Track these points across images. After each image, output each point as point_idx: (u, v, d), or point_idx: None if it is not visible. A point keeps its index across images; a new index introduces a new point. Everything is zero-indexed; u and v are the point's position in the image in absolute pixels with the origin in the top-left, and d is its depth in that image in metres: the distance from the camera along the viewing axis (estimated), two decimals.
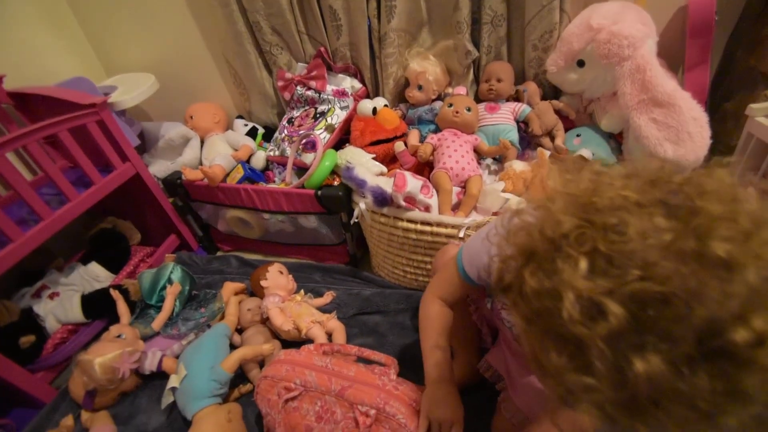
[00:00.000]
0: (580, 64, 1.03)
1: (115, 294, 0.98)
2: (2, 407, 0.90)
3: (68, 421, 0.84)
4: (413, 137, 1.15)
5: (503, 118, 1.13)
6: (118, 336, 0.86)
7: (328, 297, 1.06)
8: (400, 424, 0.59)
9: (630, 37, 0.92)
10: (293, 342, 0.95)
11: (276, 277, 1.03)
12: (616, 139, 1.09)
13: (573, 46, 1.01)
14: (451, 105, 1.09)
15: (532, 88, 1.14)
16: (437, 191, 0.98)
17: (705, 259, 0.26)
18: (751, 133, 1.02)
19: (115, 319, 0.96)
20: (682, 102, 0.91)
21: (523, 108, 1.12)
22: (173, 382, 0.79)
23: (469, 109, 1.08)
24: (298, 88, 1.25)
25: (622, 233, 0.28)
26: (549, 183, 0.35)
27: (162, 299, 0.97)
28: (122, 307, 0.96)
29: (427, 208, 0.95)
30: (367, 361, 0.73)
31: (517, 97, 1.16)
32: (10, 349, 0.86)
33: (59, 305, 0.98)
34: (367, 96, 1.27)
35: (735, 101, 1.11)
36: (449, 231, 0.90)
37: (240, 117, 1.42)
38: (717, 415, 0.27)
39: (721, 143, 1.16)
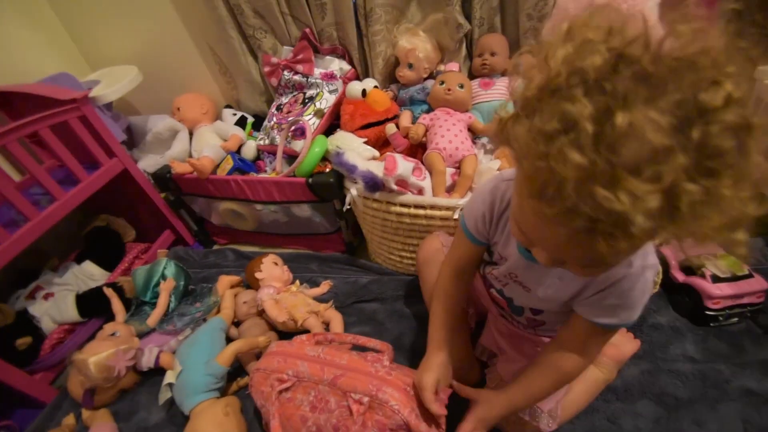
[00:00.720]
0: None
1: (109, 292, 0.97)
2: (4, 408, 0.90)
3: (70, 420, 0.84)
4: (405, 118, 1.11)
5: (498, 94, 1.08)
6: (112, 334, 0.85)
7: (324, 286, 1.05)
8: (393, 410, 0.59)
9: None
10: (290, 333, 0.94)
11: (270, 269, 1.01)
12: None
13: (570, 13, 0.96)
14: (442, 83, 1.05)
15: None
16: (430, 173, 0.95)
17: None
18: (760, 97, 0.97)
19: (111, 317, 0.96)
20: None
21: None
22: (169, 378, 0.79)
23: (461, 86, 1.03)
24: (285, 72, 1.21)
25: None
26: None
27: (156, 295, 0.96)
28: (117, 305, 0.95)
29: (420, 191, 0.92)
30: (363, 349, 0.72)
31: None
32: (8, 351, 0.86)
33: (54, 306, 0.97)
34: (357, 78, 1.23)
35: None
36: (444, 213, 0.87)
37: (228, 106, 1.39)
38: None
39: None
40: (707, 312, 0.80)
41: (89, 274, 1.08)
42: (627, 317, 0.50)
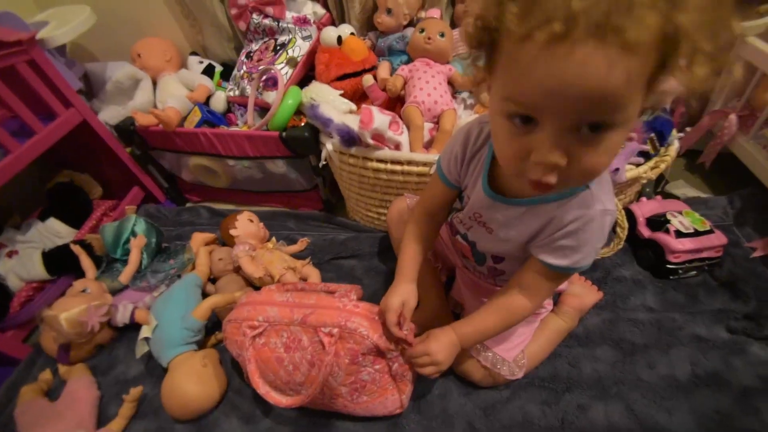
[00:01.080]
0: None
1: (77, 249, 0.94)
2: None
3: (46, 375, 0.84)
4: (383, 70, 1.06)
5: None
6: (83, 290, 0.84)
7: (302, 244, 1.04)
8: (362, 336, 0.61)
9: None
10: None
11: (246, 226, 0.99)
12: None
13: None
14: (422, 30, 1.00)
15: None
16: (408, 127, 0.93)
17: None
18: (739, 54, 0.96)
19: (81, 274, 0.94)
20: None
21: None
22: (145, 332, 0.79)
23: (442, 35, 0.99)
24: (254, 16, 1.12)
25: None
26: None
27: (127, 253, 0.94)
28: (86, 262, 0.93)
29: (398, 146, 0.90)
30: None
31: None
32: None
33: (19, 263, 0.94)
34: (332, 23, 1.16)
35: None
36: (421, 169, 0.86)
37: (194, 54, 1.30)
38: None
39: None
40: (668, 266, 0.84)
41: (55, 231, 1.04)
42: (579, 260, 0.50)
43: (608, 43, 0.30)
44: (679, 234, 0.83)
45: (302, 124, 1.01)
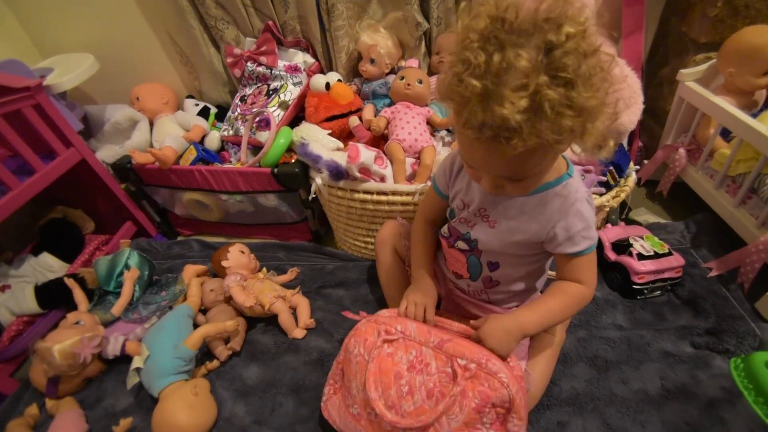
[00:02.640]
0: None
1: (70, 282, 0.96)
2: None
3: (33, 410, 0.83)
4: (368, 112, 1.16)
5: None
6: (76, 323, 0.85)
7: (291, 273, 1.08)
8: (501, 383, 0.56)
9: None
10: (258, 319, 0.97)
11: (237, 257, 1.03)
12: None
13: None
14: (402, 78, 1.10)
15: None
16: (391, 162, 1.00)
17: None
18: (682, 97, 1.09)
19: (72, 307, 0.95)
20: (617, 70, 0.95)
21: None
22: (137, 363, 0.80)
23: (420, 82, 1.09)
24: (249, 64, 1.22)
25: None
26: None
27: (120, 285, 0.96)
28: (79, 295, 0.95)
29: (383, 179, 0.97)
30: None
31: None
32: None
33: (11, 297, 0.95)
34: (321, 71, 1.26)
35: (669, 67, 1.17)
36: (405, 199, 0.93)
37: (190, 97, 1.38)
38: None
39: (658, 108, 1.24)
40: (634, 286, 0.91)
41: (47, 266, 1.06)
42: (593, 235, 0.62)
43: (503, 143, 0.45)
44: (641, 257, 0.90)
45: (293, 160, 1.08)
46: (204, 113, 1.33)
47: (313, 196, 1.04)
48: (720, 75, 1.05)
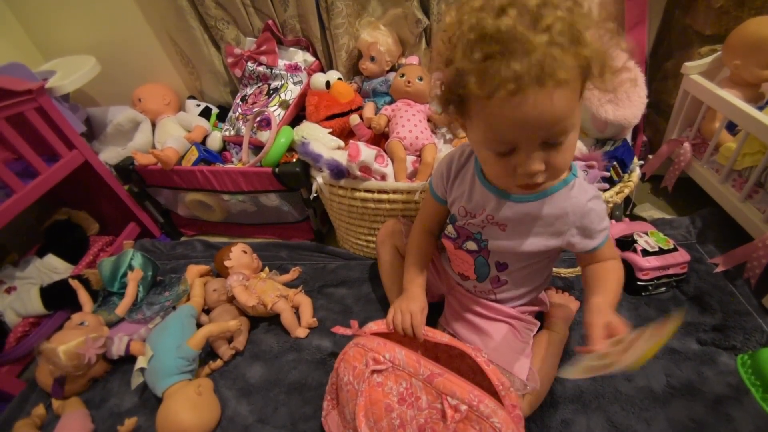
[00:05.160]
0: None
1: (75, 283, 0.97)
2: None
3: (39, 410, 0.84)
4: (369, 110, 1.15)
5: None
6: (81, 323, 0.86)
7: (294, 273, 1.08)
8: (494, 428, 0.54)
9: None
10: (261, 318, 0.97)
11: (240, 257, 1.03)
12: None
13: None
14: (403, 75, 1.09)
15: None
16: (392, 160, 1.00)
17: None
18: (687, 90, 1.07)
19: (77, 308, 0.96)
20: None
21: None
22: (141, 363, 0.81)
23: (420, 79, 1.09)
24: (249, 64, 1.22)
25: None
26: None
27: (124, 286, 0.97)
28: (83, 296, 0.96)
29: (383, 177, 0.97)
30: None
31: None
32: None
33: (17, 299, 0.96)
34: (321, 70, 1.26)
35: (674, 60, 1.16)
36: (406, 197, 0.93)
37: (192, 97, 1.39)
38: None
39: (663, 102, 1.22)
40: (638, 283, 0.90)
41: (52, 267, 1.07)
42: (607, 225, 0.63)
43: (547, 85, 0.43)
44: (646, 253, 0.89)
45: (294, 160, 1.08)
46: (205, 114, 1.33)
47: (315, 195, 1.04)
48: (725, 67, 1.03)
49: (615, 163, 0.92)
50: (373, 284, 1.05)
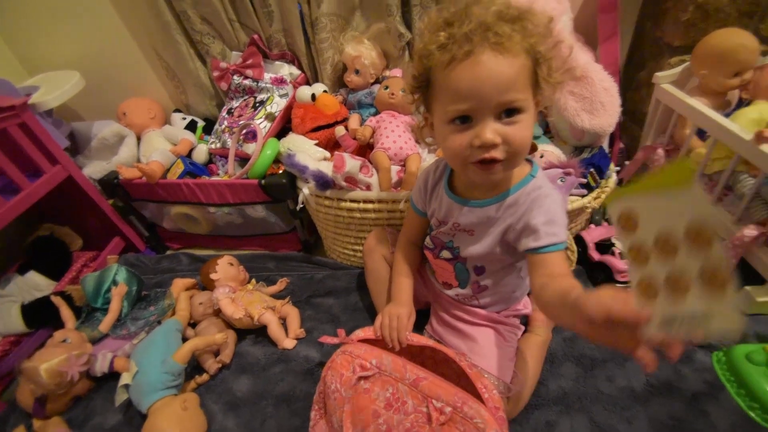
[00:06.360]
0: None
1: (57, 300, 0.95)
2: None
3: (20, 431, 0.82)
4: (354, 121, 1.17)
5: None
6: (63, 340, 0.85)
7: (281, 284, 1.09)
8: (477, 429, 0.55)
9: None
10: (248, 331, 0.97)
11: (226, 269, 1.03)
12: (541, 114, 1.17)
13: None
14: (386, 87, 1.12)
15: None
16: (377, 170, 1.02)
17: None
18: (658, 99, 1.12)
19: (59, 326, 0.94)
20: (593, 74, 0.98)
21: None
22: (125, 379, 0.80)
23: (404, 91, 1.11)
24: (235, 77, 1.23)
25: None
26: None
27: (108, 302, 0.96)
28: (66, 313, 0.94)
29: (369, 187, 0.99)
30: None
31: None
32: None
33: None
34: (307, 82, 1.28)
35: (646, 71, 1.21)
36: (391, 206, 0.94)
37: (177, 111, 1.39)
38: None
39: (638, 110, 1.27)
40: (617, 284, 0.92)
41: (34, 284, 1.05)
42: (558, 233, 0.60)
43: (496, 51, 0.51)
44: (623, 256, 0.92)
45: (280, 171, 1.09)
46: (191, 127, 1.33)
47: (301, 206, 1.05)
48: (694, 77, 1.08)
49: (592, 169, 0.95)
50: (361, 293, 1.06)
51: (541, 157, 0.98)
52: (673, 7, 1.06)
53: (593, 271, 0.99)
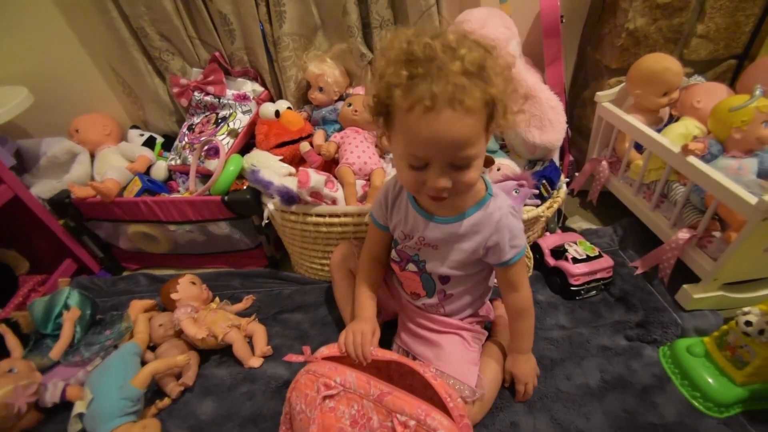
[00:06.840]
0: None
1: (2, 328, 0.89)
2: None
3: None
4: (319, 137, 1.19)
5: None
6: (9, 370, 0.79)
7: (246, 301, 1.07)
8: None
9: (495, 39, 1.04)
10: (212, 351, 0.94)
11: (188, 288, 1.00)
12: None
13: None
14: (350, 104, 1.15)
15: None
16: (342, 185, 1.04)
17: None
18: (600, 116, 1.22)
19: (5, 355, 0.88)
20: (541, 94, 1.06)
21: None
22: (79, 408, 0.75)
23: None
24: (196, 93, 1.22)
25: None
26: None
27: (59, 327, 0.90)
28: (11, 341, 0.88)
29: (334, 201, 1.00)
30: None
31: None
32: None
33: None
34: (270, 99, 1.29)
35: (589, 90, 1.31)
36: (356, 220, 0.96)
37: (135, 127, 1.35)
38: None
39: (584, 126, 1.37)
40: (572, 288, 0.98)
41: None
42: (520, 243, 0.70)
43: (457, 109, 0.51)
44: (575, 260, 0.99)
45: (244, 187, 1.08)
46: (149, 143, 1.30)
47: (267, 221, 1.05)
48: (630, 96, 1.19)
49: (544, 181, 1.02)
50: (330, 307, 1.06)
51: (498, 170, 1.04)
52: (609, 33, 1.18)
53: (549, 276, 1.05)
